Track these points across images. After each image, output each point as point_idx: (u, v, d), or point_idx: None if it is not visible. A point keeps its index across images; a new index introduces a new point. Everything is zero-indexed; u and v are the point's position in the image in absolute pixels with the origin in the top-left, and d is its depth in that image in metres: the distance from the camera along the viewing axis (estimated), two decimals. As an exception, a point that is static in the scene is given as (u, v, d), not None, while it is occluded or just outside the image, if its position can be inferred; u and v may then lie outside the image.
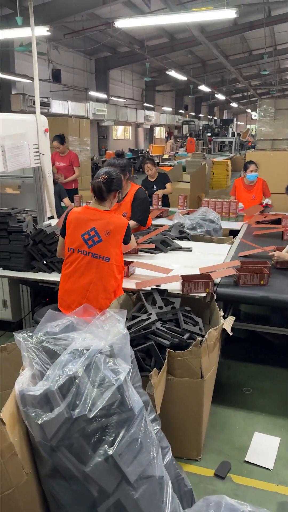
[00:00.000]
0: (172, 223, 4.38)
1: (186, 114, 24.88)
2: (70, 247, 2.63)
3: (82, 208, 2.68)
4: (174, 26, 13.65)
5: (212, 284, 2.70)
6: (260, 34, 15.34)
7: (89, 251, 2.57)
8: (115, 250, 2.59)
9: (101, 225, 2.57)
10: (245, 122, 34.00)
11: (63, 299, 2.71)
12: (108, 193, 2.62)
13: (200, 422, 2.30)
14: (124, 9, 11.84)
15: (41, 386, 1.61)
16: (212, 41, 12.84)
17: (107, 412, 1.53)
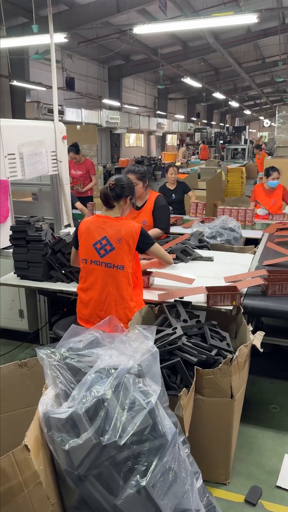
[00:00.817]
0: (190, 231, 4.27)
1: (198, 121, 24.84)
2: (83, 258, 2.54)
3: (92, 217, 2.60)
4: (188, 34, 13.66)
5: (239, 296, 2.57)
6: (273, 41, 15.30)
7: (102, 261, 2.48)
8: (128, 257, 2.48)
9: (112, 233, 2.47)
10: (257, 130, 33.84)
11: (81, 313, 2.62)
12: (116, 199, 2.53)
13: (229, 444, 2.17)
14: (138, 17, 11.86)
15: (67, 409, 1.51)
16: (225, 49, 12.80)
17: (138, 438, 1.42)
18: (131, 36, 12.74)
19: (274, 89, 25.47)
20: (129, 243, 2.48)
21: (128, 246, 2.48)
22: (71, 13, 10.13)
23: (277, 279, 2.81)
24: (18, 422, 2.00)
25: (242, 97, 23.56)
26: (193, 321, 2.48)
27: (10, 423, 1.98)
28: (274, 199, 5.35)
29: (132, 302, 2.55)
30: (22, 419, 2.02)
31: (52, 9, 9.73)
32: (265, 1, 10.91)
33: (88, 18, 9.93)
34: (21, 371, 1.99)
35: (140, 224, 2.57)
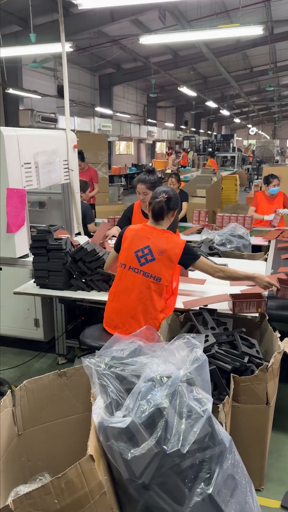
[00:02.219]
0: (200, 238, 4.32)
1: (186, 129, 25.08)
2: (122, 263, 2.57)
3: (139, 226, 2.65)
4: (178, 43, 13.80)
5: (265, 303, 2.61)
6: (260, 51, 15.62)
7: (141, 269, 2.50)
8: (168, 271, 2.51)
9: (156, 244, 2.51)
10: (243, 138, 34.32)
11: (110, 318, 2.63)
12: (168, 211, 2.57)
13: (264, 451, 2.19)
14: (131, 26, 11.97)
15: (123, 418, 1.51)
16: (216, 58, 13.00)
17: (199, 446, 1.43)
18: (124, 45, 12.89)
19: (260, 97, 25.93)
20: (171, 257, 2.50)
21: (169, 260, 2.50)
22: (66, 21, 10.15)
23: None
24: (57, 432, 1.99)
25: (230, 105, 23.90)
26: (220, 328, 2.50)
27: (50, 434, 1.97)
28: (275, 206, 5.44)
29: (162, 313, 2.57)
30: (61, 429, 2.02)
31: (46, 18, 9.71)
32: (254, 12, 11.14)
33: (83, 26, 9.98)
34: (61, 381, 1.99)
35: (184, 240, 2.60)
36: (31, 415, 1.94)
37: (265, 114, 31.73)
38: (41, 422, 1.97)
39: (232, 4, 11.19)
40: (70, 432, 2.03)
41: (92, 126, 13.70)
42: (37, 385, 1.94)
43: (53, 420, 1.99)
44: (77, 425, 2.03)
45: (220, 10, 11.23)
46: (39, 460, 2.00)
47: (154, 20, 11.80)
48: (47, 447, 2.00)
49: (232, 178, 10.10)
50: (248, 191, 14.88)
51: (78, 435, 2.04)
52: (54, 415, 1.99)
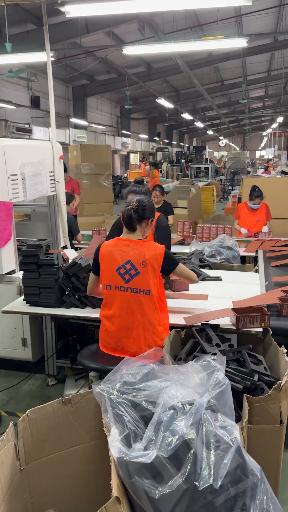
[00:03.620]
0: (189, 250, 4.25)
1: (160, 141, 25.29)
2: (107, 285, 2.43)
3: (113, 241, 2.51)
4: (153, 56, 13.93)
5: (269, 318, 2.55)
6: (230, 65, 15.98)
7: (128, 286, 2.38)
8: (154, 281, 2.40)
9: (136, 256, 2.39)
10: (213, 149, 34.91)
11: (106, 341, 2.49)
12: (139, 221, 2.47)
13: (278, 472, 2.10)
14: (105, 38, 11.98)
15: (146, 452, 1.38)
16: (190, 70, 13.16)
17: (232, 479, 1.32)
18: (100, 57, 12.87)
19: (231, 110, 26.49)
20: (154, 266, 2.40)
21: (153, 269, 2.40)
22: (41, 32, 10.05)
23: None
24: (62, 464, 1.84)
25: (202, 117, 24.27)
26: (225, 345, 2.42)
27: (54, 466, 1.82)
28: (258, 217, 5.46)
29: (159, 326, 2.46)
30: (66, 461, 1.86)
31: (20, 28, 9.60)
32: (227, 26, 11.37)
33: (58, 37, 9.89)
34: (65, 409, 1.84)
35: (163, 245, 2.50)
36: (34, 447, 1.78)
37: (235, 126, 32.44)
38: (45, 455, 1.81)
39: (204, 18, 11.40)
40: (75, 463, 1.88)
41: (67, 137, 13.57)
42: (40, 414, 1.79)
43: (57, 452, 1.84)
44: (83, 455, 1.89)
45: (193, 24, 11.41)
46: (43, 496, 1.84)
47: (129, 33, 11.86)
48: (51, 481, 1.84)
49: (209, 189, 10.16)
50: (223, 201, 15.06)
51: (84, 466, 1.90)
52: (58, 446, 1.84)
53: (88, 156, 7.80)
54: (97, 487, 1.90)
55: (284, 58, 14.77)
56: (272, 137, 29.95)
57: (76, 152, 7.82)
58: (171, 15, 10.27)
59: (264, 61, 16.72)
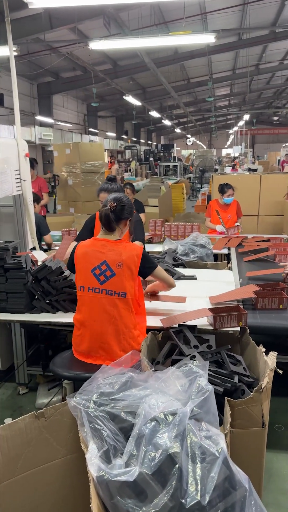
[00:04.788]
0: (162, 249, 4.18)
1: (128, 139, 25.17)
2: (81, 286, 2.32)
3: (90, 241, 2.41)
4: (119, 53, 13.82)
5: (246, 316, 2.50)
6: (196, 63, 16.04)
7: (102, 288, 2.28)
8: (130, 283, 2.31)
9: (112, 257, 2.29)
10: (181, 147, 35.10)
11: (79, 346, 2.38)
12: (117, 221, 2.37)
13: (261, 475, 2.05)
14: (70, 34, 11.74)
15: (128, 469, 1.29)
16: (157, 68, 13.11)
17: (220, 493, 1.25)
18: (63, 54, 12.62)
19: (197, 108, 26.65)
20: (131, 267, 2.30)
21: (130, 271, 2.30)
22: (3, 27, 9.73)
23: (266, 293, 2.82)
24: (38, 482, 1.72)
25: (169, 115, 24.32)
26: (204, 346, 2.35)
27: (29, 484, 1.70)
28: (230, 214, 5.46)
29: (135, 330, 2.37)
30: (42, 477, 1.74)
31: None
32: (193, 24, 11.39)
33: (21, 33, 9.61)
34: (38, 423, 1.72)
35: (141, 246, 2.41)
36: (6, 466, 1.65)
37: (202, 124, 32.71)
38: (18, 473, 1.69)
39: (170, 15, 11.36)
40: (52, 479, 1.76)
41: (33, 135, 13.25)
42: (12, 431, 1.66)
43: (32, 468, 1.71)
44: (60, 470, 1.78)
45: (159, 21, 11.35)
46: (17, 518, 1.72)
47: (94, 29, 11.67)
48: (26, 500, 1.72)
49: (179, 187, 10.15)
50: (192, 199, 15.12)
51: (61, 481, 1.79)
52: (32, 463, 1.71)
53: (86, 155, 7.65)
54: (76, 503, 1.80)
55: (249, 56, 14.94)
56: (238, 135, 30.40)
57: (70, 151, 7.61)
58: (137, 11, 10.18)
59: (229, 60, 16.88)
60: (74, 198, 7.85)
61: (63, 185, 7.94)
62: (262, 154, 30.48)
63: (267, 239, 4.78)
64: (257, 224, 6.06)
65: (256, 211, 6.09)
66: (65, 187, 7.89)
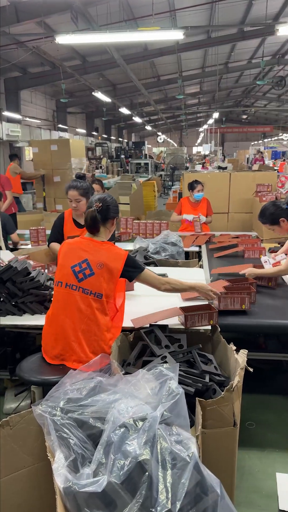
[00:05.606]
0: (133, 247, 4.14)
1: (98, 136, 24.96)
2: (58, 281, 2.28)
3: (77, 239, 2.40)
4: (88, 48, 13.64)
5: (217, 315, 2.49)
6: (167, 60, 16.05)
7: (79, 286, 2.23)
8: (108, 286, 2.27)
9: (94, 257, 2.25)
10: (152, 145, 35.12)
11: (49, 346, 2.31)
12: (104, 221, 2.34)
13: (233, 475, 2.04)
14: (37, 28, 11.49)
15: (96, 479, 1.24)
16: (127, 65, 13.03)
17: (191, 499, 1.22)
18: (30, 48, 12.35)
19: (167, 106, 26.70)
20: (111, 270, 2.26)
21: (109, 274, 2.26)
22: None
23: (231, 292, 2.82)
24: (5, 491, 1.65)
25: (139, 112, 24.26)
26: (175, 345, 2.32)
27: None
28: (200, 212, 5.46)
29: (108, 333, 2.32)
30: (8, 488, 1.67)
31: None
32: (162, 21, 11.36)
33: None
34: (3, 432, 1.64)
35: (126, 251, 2.37)
36: None
37: (172, 122, 32.82)
38: (-18, 486, 1.61)
39: (139, 12, 11.29)
40: (18, 490, 1.69)
41: (0, 132, 12.92)
42: (-26, 442, 1.58)
43: (-3, 481, 1.64)
44: (27, 480, 1.70)
45: (128, 17, 11.26)
46: (-19, 533, 1.64)
47: (62, 23, 11.46)
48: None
49: (150, 184, 10.13)
50: (164, 197, 15.14)
51: (28, 492, 1.72)
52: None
53: (74, 152, 7.45)
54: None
55: (217, 55, 15.06)
56: (208, 133, 30.66)
57: (58, 147, 7.38)
58: (105, 7, 10.06)
59: (198, 58, 16.97)
60: (61, 195, 7.58)
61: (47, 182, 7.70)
62: (231, 152, 30.91)
63: (236, 236, 4.82)
64: (227, 221, 6.10)
65: (226, 209, 6.13)
66: (49, 184, 7.64)
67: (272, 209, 3.09)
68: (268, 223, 3.15)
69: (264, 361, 3.27)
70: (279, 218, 3.07)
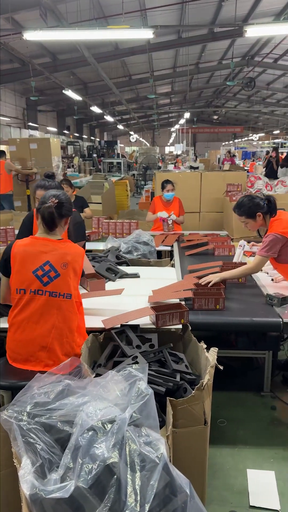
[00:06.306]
0: (104, 247, 4.11)
1: (70, 135, 24.70)
2: (19, 288, 2.19)
3: (28, 239, 2.28)
4: (58, 46, 13.46)
5: (187, 314, 2.49)
6: (138, 60, 16.05)
7: (46, 290, 2.17)
8: (74, 284, 2.24)
9: (56, 257, 2.19)
10: (125, 144, 35.05)
11: (16, 352, 2.24)
12: (60, 218, 2.28)
13: (204, 473, 2.04)
14: (4, 24, 11.26)
15: (63, 484, 1.21)
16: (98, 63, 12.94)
17: (160, 501, 1.20)
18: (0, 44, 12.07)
19: (139, 105, 26.71)
20: (75, 268, 2.22)
21: (74, 272, 2.22)
22: None
23: (203, 293, 2.84)
24: None
25: (111, 111, 24.17)
26: (146, 345, 2.31)
27: None
28: (172, 211, 5.48)
29: (78, 333, 2.29)
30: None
31: None
32: (132, 20, 11.33)
33: None
34: None
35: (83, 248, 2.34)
36: None
37: (145, 121, 32.85)
38: None
39: (109, 10, 11.24)
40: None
41: None
42: None
43: None
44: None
45: (99, 16, 11.18)
46: None
47: (30, 20, 11.27)
48: None
49: (123, 183, 10.09)
50: (137, 196, 15.12)
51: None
52: None
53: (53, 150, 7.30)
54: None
55: (188, 55, 15.16)
56: (180, 133, 30.86)
57: (38, 146, 7.22)
58: (75, 4, 9.95)
59: (169, 58, 17.03)
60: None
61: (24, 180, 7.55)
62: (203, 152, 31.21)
63: (205, 235, 4.87)
64: (199, 221, 6.14)
65: (197, 208, 6.17)
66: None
67: (250, 203, 3.05)
68: (244, 216, 3.09)
69: (235, 358, 3.31)
70: (256, 213, 3.04)
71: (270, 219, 3.05)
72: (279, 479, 2.29)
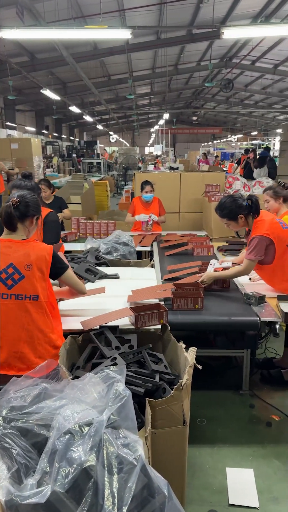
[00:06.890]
0: (84, 247, 4.08)
1: (49, 134, 24.49)
2: None
3: None
4: (36, 45, 13.32)
5: (166, 314, 2.50)
6: (117, 60, 16.02)
7: (11, 293, 2.12)
8: (42, 285, 2.18)
9: (19, 259, 2.15)
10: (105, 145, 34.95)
11: None
12: (21, 219, 2.23)
13: (183, 473, 2.05)
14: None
15: (40, 489, 1.19)
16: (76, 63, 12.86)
17: (138, 503, 1.20)
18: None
19: (119, 105, 26.68)
20: (41, 268, 2.18)
21: (40, 272, 2.17)
22: None
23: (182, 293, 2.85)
24: None
25: (91, 112, 24.07)
26: (125, 346, 2.30)
27: None
28: (152, 212, 5.49)
29: (53, 334, 2.24)
30: None
31: None
32: (111, 20, 11.31)
33: None
34: None
35: (51, 245, 2.29)
36: None
37: (124, 122, 32.82)
38: None
39: (87, 10, 11.18)
40: None
41: None
42: None
43: None
44: None
45: (77, 15, 11.12)
46: None
47: (7, 19, 11.10)
48: None
49: (102, 184, 10.05)
50: (117, 196, 15.10)
51: None
52: None
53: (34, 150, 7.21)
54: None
55: (167, 56, 15.22)
56: (159, 134, 30.96)
57: (19, 146, 7.10)
58: (53, 3, 9.86)
59: (148, 58, 17.06)
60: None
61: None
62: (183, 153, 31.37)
63: (182, 235, 4.90)
64: (179, 221, 6.17)
65: (177, 209, 6.19)
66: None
67: (232, 205, 3.01)
68: (226, 218, 3.06)
69: (214, 357, 3.33)
70: (238, 215, 3.02)
71: (253, 220, 3.05)
72: (257, 477, 2.32)
